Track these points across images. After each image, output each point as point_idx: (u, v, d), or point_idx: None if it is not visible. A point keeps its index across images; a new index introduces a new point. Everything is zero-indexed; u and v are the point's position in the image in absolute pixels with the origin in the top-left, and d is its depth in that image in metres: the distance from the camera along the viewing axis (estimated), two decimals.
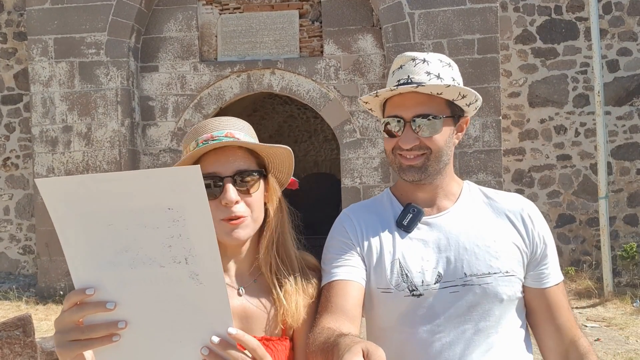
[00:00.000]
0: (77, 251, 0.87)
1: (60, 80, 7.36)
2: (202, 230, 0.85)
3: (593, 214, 7.52)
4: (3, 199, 8.15)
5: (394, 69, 1.35)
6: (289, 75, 7.45)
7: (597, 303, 6.28)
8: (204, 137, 1.20)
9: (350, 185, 7.34)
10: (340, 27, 7.37)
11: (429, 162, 1.29)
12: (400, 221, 1.34)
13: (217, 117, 1.25)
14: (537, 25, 7.64)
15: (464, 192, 1.40)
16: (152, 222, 0.85)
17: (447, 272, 1.27)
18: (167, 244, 0.85)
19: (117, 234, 0.85)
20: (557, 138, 7.68)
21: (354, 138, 7.37)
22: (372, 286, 1.30)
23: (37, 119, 7.40)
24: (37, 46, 7.36)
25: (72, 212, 0.85)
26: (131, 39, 7.32)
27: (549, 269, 1.33)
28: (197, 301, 0.87)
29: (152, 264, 0.86)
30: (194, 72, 7.53)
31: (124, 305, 0.87)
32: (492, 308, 1.26)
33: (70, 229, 0.86)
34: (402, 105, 1.29)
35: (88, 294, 0.86)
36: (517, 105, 7.71)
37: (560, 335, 1.30)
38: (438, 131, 1.28)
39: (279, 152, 1.25)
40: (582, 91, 7.62)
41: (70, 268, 0.88)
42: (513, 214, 1.35)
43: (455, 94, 1.29)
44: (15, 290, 7.31)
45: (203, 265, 0.86)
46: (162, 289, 0.87)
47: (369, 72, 7.34)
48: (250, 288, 1.25)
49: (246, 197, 1.18)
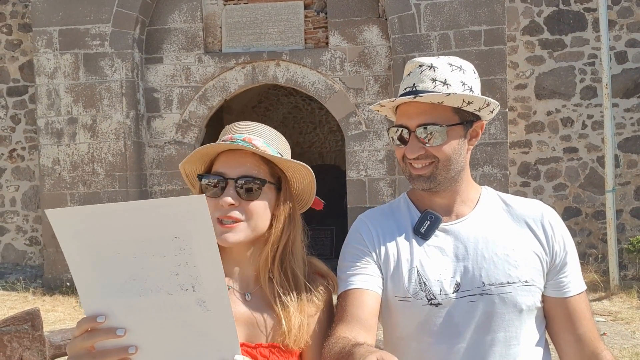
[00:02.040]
0: (86, 279, 0.89)
1: (65, 72, 7.35)
2: (208, 259, 0.86)
3: (599, 207, 7.48)
4: (9, 191, 8.18)
5: (405, 76, 1.34)
6: (294, 67, 7.41)
7: (603, 297, 6.27)
8: (226, 137, 1.22)
9: (355, 178, 7.33)
10: (345, 18, 7.32)
11: (437, 170, 1.27)
12: (418, 228, 1.31)
13: (249, 122, 1.26)
14: (545, 16, 7.56)
15: (482, 198, 1.37)
16: (158, 250, 0.87)
17: (465, 281, 1.25)
18: (174, 272, 0.87)
19: (124, 262, 0.88)
20: (564, 130, 7.63)
21: (359, 130, 7.34)
22: (389, 294, 1.28)
23: (42, 110, 7.40)
24: (41, 38, 7.34)
25: (81, 241, 0.88)
26: (135, 30, 7.30)
27: (568, 277, 1.29)
28: (205, 327, 0.90)
29: (160, 292, 0.88)
30: (199, 64, 7.50)
31: (134, 331, 0.90)
32: (512, 318, 1.24)
33: (80, 257, 0.88)
34: (407, 114, 1.28)
35: (99, 321, 0.89)
36: (523, 98, 7.65)
37: (581, 346, 1.27)
38: (443, 140, 1.26)
39: (297, 167, 1.24)
40: (590, 83, 7.55)
41: (80, 295, 0.91)
42: (533, 220, 1.32)
43: (459, 102, 1.26)
44: (22, 281, 7.36)
45: (210, 293, 0.88)
46: (170, 315, 0.89)
47: (375, 63, 7.29)
48: (258, 294, 1.24)
49: (246, 202, 1.17)
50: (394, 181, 7.22)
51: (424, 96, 1.23)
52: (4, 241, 8.21)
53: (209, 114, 7.56)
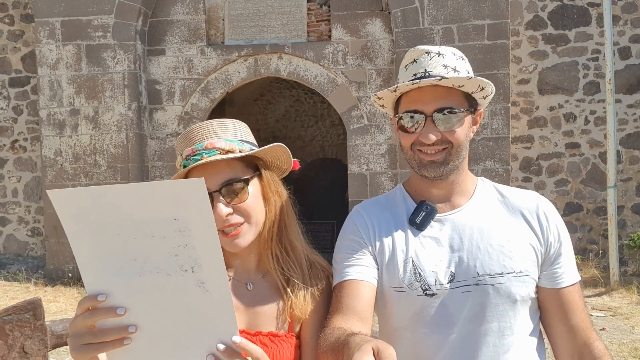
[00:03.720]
0: (88, 259, 0.90)
1: (68, 63, 7.34)
2: (207, 241, 0.87)
3: (601, 203, 7.48)
4: (11, 181, 8.20)
5: (407, 63, 1.32)
6: (297, 60, 7.40)
7: (602, 292, 6.28)
8: (186, 151, 1.19)
9: (357, 172, 7.33)
10: (348, 12, 7.29)
11: (450, 156, 1.27)
12: (413, 219, 1.32)
13: (199, 124, 1.22)
14: (549, 11, 7.53)
15: (478, 188, 1.37)
16: (158, 232, 0.87)
17: (460, 271, 1.26)
18: (173, 253, 0.88)
19: (125, 243, 0.88)
20: (567, 126, 7.61)
21: (361, 124, 7.34)
22: (385, 285, 1.29)
23: (44, 101, 7.40)
24: (44, 29, 7.33)
25: (83, 222, 0.88)
26: (138, 22, 7.28)
27: (562, 268, 1.29)
28: (203, 309, 0.90)
29: (160, 273, 0.89)
30: (201, 56, 7.49)
31: (134, 311, 0.91)
32: (506, 309, 1.24)
33: (81, 238, 0.89)
34: (421, 99, 1.26)
35: (100, 300, 0.90)
36: (526, 93, 7.64)
37: (574, 336, 1.27)
38: (460, 124, 1.26)
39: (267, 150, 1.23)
40: (593, 79, 7.52)
41: (82, 275, 0.92)
42: (528, 211, 1.32)
43: (475, 86, 1.27)
44: (24, 272, 7.38)
45: (209, 274, 0.89)
46: (170, 296, 0.90)
47: (377, 57, 7.27)
48: (259, 283, 1.25)
49: (238, 205, 1.17)
50: (396, 175, 7.22)
51: (450, 78, 1.22)
52: (5, 232, 8.23)
53: (211, 107, 7.55)
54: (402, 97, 1.32)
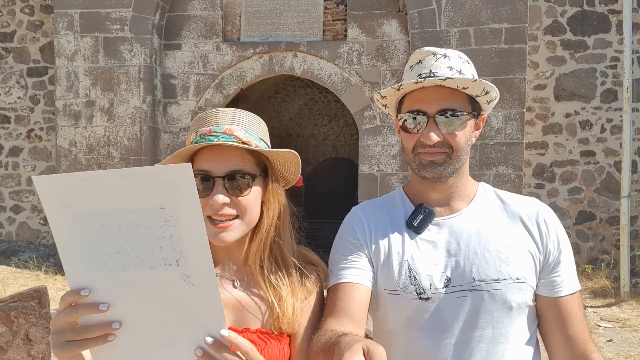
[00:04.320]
0: (71, 252, 0.87)
1: (85, 54, 7.42)
2: (193, 231, 0.85)
3: (614, 213, 7.38)
4: (26, 170, 8.31)
5: (412, 64, 1.31)
6: (311, 59, 7.40)
7: (612, 303, 6.19)
8: (203, 130, 1.16)
9: (367, 172, 7.31)
10: (365, 11, 7.27)
11: (450, 160, 1.26)
12: (411, 222, 1.30)
13: (222, 109, 1.21)
14: (568, 17, 7.44)
15: (479, 193, 1.36)
16: (144, 222, 0.85)
17: (456, 276, 1.24)
18: (158, 245, 0.86)
19: (109, 234, 0.86)
20: (582, 133, 7.52)
21: (373, 125, 7.31)
22: (379, 287, 1.28)
23: (61, 92, 7.49)
24: (63, 20, 7.41)
25: (67, 211, 0.86)
26: (155, 16, 7.33)
27: (561, 276, 1.27)
28: (190, 303, 0.88)
29: (143, 266, 0.87)
30: (217, 52, 7.52)
31: (118, 306, 0.88)
32: (501, 315, 1.22)
33: (65, 228, 0.86)
34: (425, 99, 1.24)
35: (82, 295, 0.87)
36: (542, 98, 7.55)
37: (572, 346, 1.25)
38: (462, 127, 1.25)
39: (281, 154, 1.21)
40: (611, 86, 7.42)
41: (64, 268, 0.88)
42: (528, 218, 1.30)
43: (480, 90, 1.25)
44: (35, 259, 7.48)
45: (194, 267, 0.86)
46: (154, 290, 0.88)
47: (392, 58, 7.24)
48: (246, 280, 1.23)
49: (237, 198, 1.14)
50: (406, 177, 7.19)
51: (455, 79, 1.21)
52: (19, 219, 8.35)
53: (225, 103, 7.58)
54: (405, 97, 1.30)
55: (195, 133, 1.18)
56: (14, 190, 8.32)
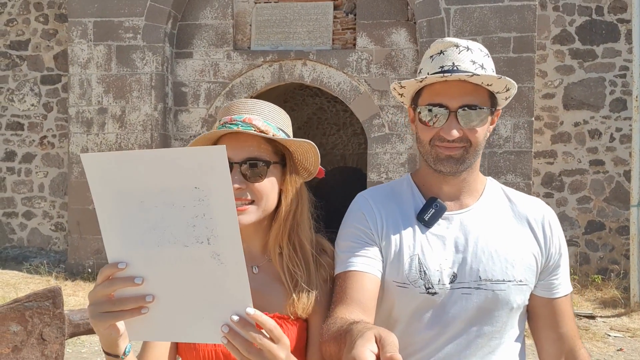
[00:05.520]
0: (111, 227, 0.92)
1: (98, 62, 7.53)
2: (224, 210, 0.88)
3: (624, 222, 7.34)
4: (38, 176, 8.41)
5: (433, 54, 1.28)
6: (321, 67, 7.46)
7: (622, 313, 6.14)
8: (225, 118, 1.23)
9: (376, 180, 7.33)
10: (374, 20, 7.34)
11: (467, 154, 1.25)
12: (422, 215, 1.30)
13: (246, 100, 1.27)
14: (577, 26, 7.46)
15: (487, 189, 1.36)
16: (179, 201, 0.89)
17: (462, 273, 1.26)
18: (191, 223, 0.89)
19: (147, 212, 0.90)
20: (591, 142, 7.51)
21: (382, 133, 7.35)
22: (387, 278, 1.28)
23: (74, 99, 7.59)
24: (77, 28, 7.54)
25: (110, 188, 0.90)
26: (167, 24, 7.44)
27: (559, 279, 1.31)
28: (218, 280, 0.91)
29: (177, 243, 0.90)
30: (227, 60, 7.61)
31: (151, 280, 0.92)
32: (501, 314, 1.25)
33: (107, 205, 0.91)
34: (447, 93, 1.22)
35: (120, 267, 0.91)
36: (551, 107, 7.56)
37: (562, 343, 1.30)
38: (482, 123, 1.24)
39: (299, 143, 1.24)
40: (620, 95, 7.42)
41: (105, 243, 0.93)
42: (534, 221, 1.32)
43: (503, 86, 1.24)
44: (45, 265, 7.55)
45: (224, 246, 0.89)
46: (186, 267, 0.91)
47: (401, 66, 7.29)
48: (265, 267, 1.27)
49: (254, 184, 1.19)
50: None
51: (482, 75, 1.19)
52: (30, 225, 8.44)
53: None
54: (424, 88, 1.28)
55: (219, 121, 1.25)
56: (26, 196, 8.42)
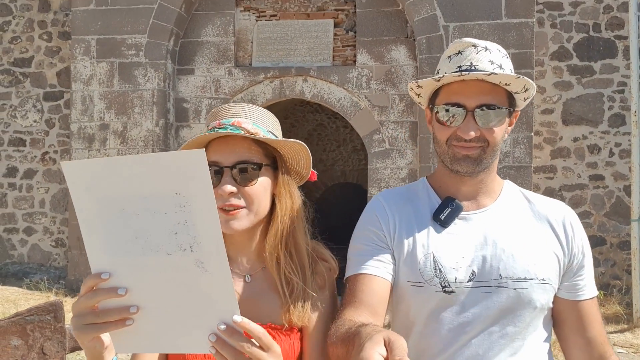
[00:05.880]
0: (94, 236, 0.90)
1: (100, 79, 7.59)
2: (206, 216, 0.86)
3: (625, 237, 7.33)
4: (39, 192, 8.43)
5: (451, 54, 1.28)
6: (321, 83, 7.52)
7: (625, 329, 6.10)
8: (214, 123, 1.21)
9: None
10: (374, 38, 7.42)
11: (484, 154, 1.24)
12: (438, 215, 1.29)
13: (234, 104, 1.24)
14: (574, 42, 7.54)
15: (505, 191, 1.35)
16: (160, 207, 0.87)
17: (482, 271, 1.23)
18: (173, 230, 0.87)
19: (129, 219, 0.88)
20: (591, 157, 7.54)
21: (382, 148, 7.38)
22: (402, 279, 1.26)
23: (76, 115, 7.64)
24: (80, 46, 7.62)
25: (91, 196, 0.88)
26: (170, 42, 7.52)
27: (584, 280, 1.29)
28: (203, 289, 0.89)
29: (159, 252, 0.89)
30: (229, 77, 7.68)
31: (135, 291, 0.90)
32: (523, 314, 1.22)
33: (89, 213, 0.89)
34: (464, 93, 1.22)
35: (103, 278, 0.90)
36: (550, 123, 7.61)
37: (591, 349, 1.26)
38: (500, 123, 1.23)
39: (289, 145, 1.22)
40: (619, 111, 7.47)
41: (87, 253, 0.91)
42: (555, 220, 1.30)
43: (521, 86, 1.24)
44: (45, 281, 7.52)
45: (208, 253, 0.88)
46: (170, 276, 0.90)
47: (401, 82, 7.36)
48: (258, 275, 1.24)
49: (245, 188, 1.16)
50: None
51: (500, 74, 1.19)
52: (31, 241, 8.42)
53: None
54: (442, 88, 1.28)
55: (207, 126, 1.23)
56: (27, 212, 8.42)
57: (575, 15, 7.52)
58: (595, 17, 7.49)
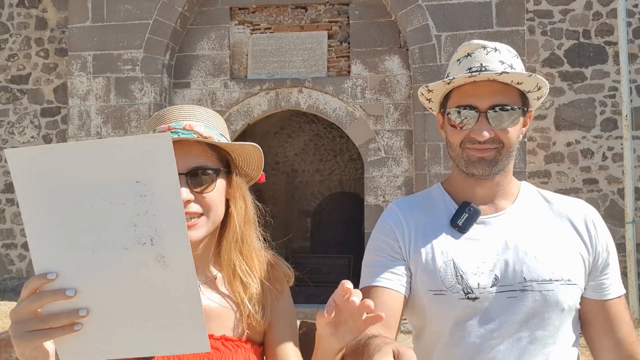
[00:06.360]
0: (40, 232, 0.82)
1: (97, 94, 7.66)
2: (169, 207, 0.80)
3: (620, 240, 7.39)
4: None
5: (460, 57, 1.26)
6: (316, 94, 7.61)
7: None
8: (161, 127, 1.12)
9: (373, 203, 7.40)
10: (367, 48, 7.52)
11: (500, 156, 1.21)
12: (455, 221, 1.25)
13: (179, 106, 1.17)
14: (565, 49, 7.65)
15: (522, 192, 1.32)
16: (118, 197, 0.80)
17: (505, 275, 1.19)
18: (132, 222, 0.81)
19: (82, 211, 0.81)
20: (584, 162, 7.62)
21: (378, 157, 7.45)
22: (421, 289, 1.22)
23: (73, 131, 7.70)
24: (76, 62, 7.69)
25: (38, 185, 0.80)
26: (165, 56, 7.60)
27: (610, 279, 1.26)
28: (164, 285, 0.82)
29: (115, 246, 0.81)
30: (224, 89, 7.75)
31: (86, 291, 0.82)
32: (552, 317, 1.18)
33: (35, 206, 0.81)
34: (476, 94, 1.19)
35: (49, 279, 0.81)
36: (543, 128, 7.70)
37: (619, 350, 1.23)
38: (514, 123, 1.20)
39: (244, 148, 1.17)
40: (610, 115, 7.57)
41: (31, 251, 0.82)
42: (576, 219, 1.27)
43: (534, 85, 1.21)
44: None
45: (170, 246, 0.81)
46: (126, 273, 0.82)
47: (395, 92, 7.44)
48: (210, 284, 1.18)
49: (201, 195, 1.10)
50: None
51: (511, 73, 1.16)
52: (29, 257, 8.41)
53: (233, 138, 7.75)
54: (453, 91, 1.25)
55: (153, 132, 1.12)
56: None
57: (565, 23, 7.64)
58: (585, 24, 7.61)
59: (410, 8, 7.13)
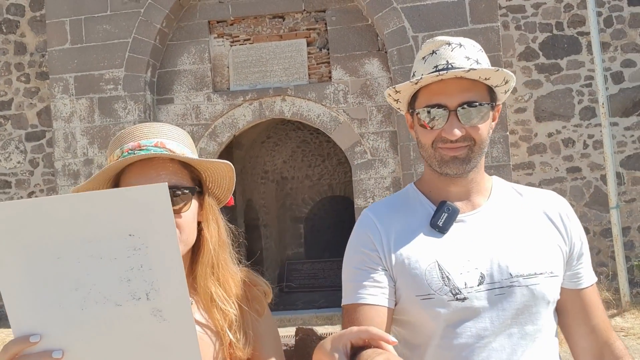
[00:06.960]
0: (19, 292, 0.76)
1: (81, 115, 7.68)
2: (167, 258, 0.77)
3: (606, 225, 7.54)
4: None
5: (425, 55, 1.25)
6: (299, 101, 7.68)
7: (615, 314, 6.27)
8: (130, 145, 1.05)
9: (363, 205, 7.48)
10: (346, 53, 7.62)
11: (472, 153, 1.20)
12: (435, 222, 1.22)
13: (147, 123, 1.12)
14: (540, 42, 7.80)
15: (495, 187, 1.31)
16: (109, 252, 0.76)
17: (491, 273, 1.18)
18: (125, 277, 0.77)
19: (66, 268, 0.76)
20: (566, 151, 7.76)
21: (365, 159, 7.54)
22: (408, 296, 1.19)
23: (59, 153, 7.70)
24: (58, 84, 7.71)
25: (17, 243, 0.75)
26: (147, 73, 7.64)
27: (584, 268, 1.27)
28: (161, 340, 0.79)
29: (107, 303, 0.77)
30: (208, 102, 7.81)
31: (74, 352, 0.78)
32: (539, 310, 1.18)
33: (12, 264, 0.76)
34: (445, 92, 1.18)
35: (32, 341, 0.75)
36: (523, 121, 7.83)
37: (595, 336, 1.24)
38: (484, 120, 1.19)
39: (218, 167, 1.12)
40: (588, 104, 7.72)
41: (8, 312, 0.76)
42: (551, 212, 1.27)
43: (501, 79, 1.20)
44: None
45: (167, 299, 0.78)
46: (119, 330, 0.78)
47: (377, 94, 7.54)
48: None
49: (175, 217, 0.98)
50: None
51: (479, 70, 1.14)
52: None
53: (219, 150, 7.81)
54: (420, 90, 1.23)
55: (119, 149, 1.07)
56: None
57: (537, 16, 7.79)
58: (557, 17, 7.77)
59: (385, 11, 7.24)
